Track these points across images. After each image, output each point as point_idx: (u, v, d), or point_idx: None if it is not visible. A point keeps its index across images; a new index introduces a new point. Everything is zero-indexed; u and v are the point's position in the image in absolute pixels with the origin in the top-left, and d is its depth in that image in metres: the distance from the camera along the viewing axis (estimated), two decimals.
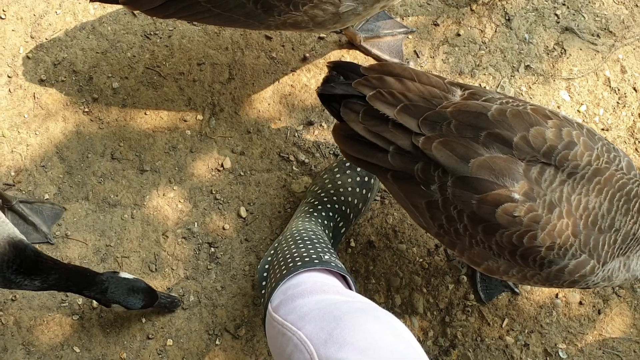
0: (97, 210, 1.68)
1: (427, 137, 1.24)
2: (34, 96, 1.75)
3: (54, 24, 1.80)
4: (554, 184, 1.19)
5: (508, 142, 1.20)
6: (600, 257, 1.20)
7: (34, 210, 1.65)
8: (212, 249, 1.66)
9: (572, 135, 1.22)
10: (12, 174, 1.69)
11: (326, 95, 1.36)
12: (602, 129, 1.77)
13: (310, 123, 1.75)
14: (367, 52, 1.75)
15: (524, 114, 1.22)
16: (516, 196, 1.18)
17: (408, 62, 1.75)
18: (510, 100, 1.28)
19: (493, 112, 1.22)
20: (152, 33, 1.80)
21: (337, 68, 1.38)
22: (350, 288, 1.29)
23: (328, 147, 1.74)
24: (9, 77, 1.75)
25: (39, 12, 1.80)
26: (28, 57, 1.77)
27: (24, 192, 1.68)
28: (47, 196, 1.68)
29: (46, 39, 1.78)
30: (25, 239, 1.33)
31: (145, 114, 1.75)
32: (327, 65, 1.38)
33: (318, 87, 1.37)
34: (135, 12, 1.77)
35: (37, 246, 1.64)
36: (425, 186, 1.25)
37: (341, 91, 1.33)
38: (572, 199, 1.18)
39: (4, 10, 1.80)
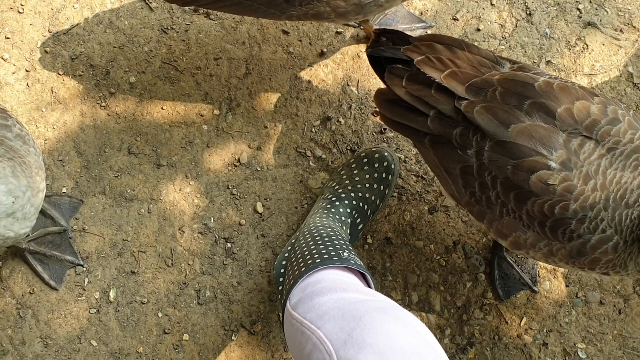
0: (114, 204, 1.68)
1: (470, 101, 1.24)
2: (52, 90, 1.75)
3: (71, 18, 1.80)
4: (592, 156, 1.17)
5: (552, 113, 1.19)
6: (622, 232, 1.16)
7: (52, 204, 1.66)
8: (229, 244, 1.66)
9: (617, 113, 1.20)
10: None
11: (374, 57, 1.37)
12: None
13: (328, 118, 1.73)
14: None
15: (571, 88, 1.22)
16: (552, 164, 1.16)
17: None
18: (560, 78, 1.28)
19: (540, 83, 1.21)
20: (169, 27, 1.79)
21: (385, 34, 1.39)
22: (369, 286, 1.28)
23: (345, 143, 1.73)
24: (27, 71, 1.76)
25: (56, 6, 1.80)
26: (46, 51, 1.77)
27: None
28: (64, 190, 1.68)
29: (64, 33, 1.78)
30: None
31: (162, 108, 1.74)
32: (374, 31, 1.39)
33: (367, 48, 1.38)
34: (152, 4, 1.77)
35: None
36: (462, 151, 1.25)
37: (389, 54, 1.34)
38: (608, 172, 1.16)
39: (22, 5, 1.80)
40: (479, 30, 1.79)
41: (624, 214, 1.16)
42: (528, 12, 1.81)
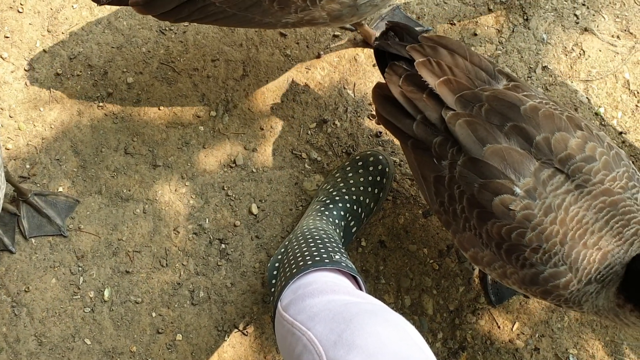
0: (110, 204, 1.69)
1: (455, 113, 1.25)
2: (50, 90, 1.76)
3: (70, 18, 1.81)
4: (559, 190, 1.17)
5: (530, 139, 1.19)
6: (578, 271, 1.17)
7: (48, 203, 1.66)
8: (223, 245, 1.66)
9: (595, 150, 1.19)
10: (28, 166, 1.70)
11: (380, 50, 1.38)
12: (621, 132, 1.74)
13: (324, 121, 1.74)
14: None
15: (556, 117, 1.21)
16: (517, 190, 1.17)
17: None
18: (551, 103, 1.27)
19: (527, 107, 1.21)
20: (167, 29, 1.80)
21: (395, 28, 1.39)
22: (360, 288, 1.29)
23: (341, 146, 1.73)
24: (25, 70, 1.76)
25: (55, 6, 1.81)
26: (44, 51, 1.78)
27: (38, 185, 1.69)
28: (61, 189, 1.69)
29: (62, 33, 1.79)
30: None
31: (159, 109, 1.75)
32: (386, 24, 1.40)
33: (375, 40, 1.39)
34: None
35: (50, 238, 1.66)
36: (438, 160, 1.26)
37: (394, 51, 1.35)
38: (571, 209, 1.16)
39: (21, 4, 1.81)
40: (475, 35, 1.80)
41: (581, 253, 1.16)
42: (525, 18, 1.82)
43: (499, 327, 1.62)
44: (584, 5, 1.82)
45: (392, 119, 1.34)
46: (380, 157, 1.62)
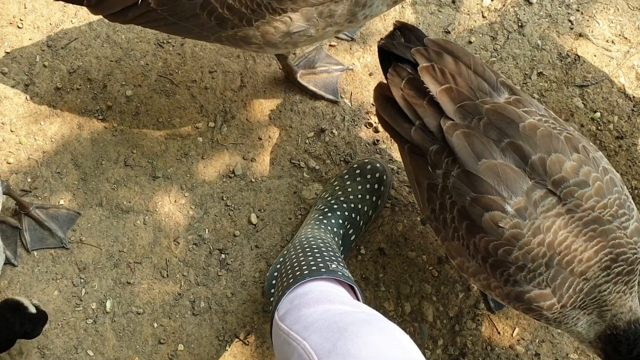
0: (111, 216, 1.70)
1: (454, 123, 1.25)
2: (50, 104, 1.78)
3: (69, 32, 1.83)
4: (549, 212, 1.17)
5: (525, 158, 1.19)
6: (562, 297, 1.19)
7: (49, 216, 1.68)
8: (223, 256, 1.68)
9: (589, 175, 1.19)
10: (29, 180, 1.72)
11: (384, 50, 1.38)
12: (617, 137, 1.75)
13: (322, 130, 1.75)
14: (303, 88, 1.75)
15: (554, 137, 1.21)
16: (508, 208, 1.18)
17: (343, 99, 1.76)
18: (550, 120, 1.26)
19: (525, 125, 1.21)
20: (165, 41, 1.82)
21: (402, 29, 1.39)
22: (357, 297, 1.30)
23: (339, 154, 1.74)
24: (26, 85, 1.79)
25: (55, 21, 1.83)
26: (44, 66, 1.80)
27: (40, 198, 1.71)
28: (62, 202, 1.71)
29: (62, 47, 1.82)
30: None
31: (158, 121, 1.77)
32: (394, 24, 1.39)
33: (380, 40, 1.39)
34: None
35: (52, 251, 1.68)
36: (432, 168, 1.27)
37: (399, 52, 1.35)
38: (559, 233, 1.17)
39: (21, 20, 1.84)
40: (470, 42, 1.81)
41: (568, 280, 1.18)
42: (520, 24, 1.83)
43: (499, 333, 1.62)
44: (578, 11, 1.83)
45: (391, 121, 1.34)
46: (378, 164, 1.64)
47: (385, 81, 1.37)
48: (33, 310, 1.46)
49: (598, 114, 1.76)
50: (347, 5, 1.30)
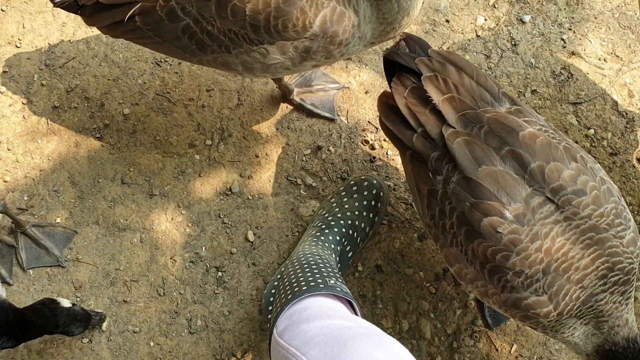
0: (107, 234, 1.70)
1: (455, 131, 1.27)
2: (48, 122, 1.78)
3: (67, 51, 1.84)
4: (547, 219, 1.18)
5: (525, 165, 1.21)
6: (559, 305, 1.19)
7: (46, 234, 1.68)
8: (220, 273, 1.67)
9: (587, 184, 1.21)
10: (26, 198, 1.72)
11: (389, 60, 1.40)
12: (611, 153, 1.76)
13: (319, 147, 1.76)
14: (299, 106, 1.77)
15: (553, 146, 1.23)
16: (507, 214, 1.19)
17: (340, 117, 1.78)
18: (550, 130, 1.28)
19: (525, 133, 1.23)
20: (162, 60, 1.84)
21: (408, 40, 1.42)
22: (355, 313, 1.30)
23: (336, 171, 1.75)
24: (23, 104, 1.79)
25: (53, 41, 1.85)
26: (42, 84, 1.81)
27: (36, 216, 1.71)
28: (58, 220, 1.71)
29: (60, 66, 1.83)
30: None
31: (155, 139, 1.77)
32: (400, 35, 1.42)
33: (385, 50, 1.41)
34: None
35: (49, 269, 1.67)
36: (433, 175, 1.28)
37: (403, 62, 1.37)
38: (557, 240, 1.18)
39: (19, 39, 1.85)
40: None
41: (565, 288, 1.18)
42: (513, 43, 1.85)
43: (497, 349, 1.62)
44: (570, 29, 1.86)
45: (394, 128, 1.36)
46: (375, 181, 1.64)
47: (389, 90, 1.40)
48: (67, 304, 1.45)
49: (592, 131, 1.78)
50: (323, 43, 1.33)
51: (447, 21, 1.86)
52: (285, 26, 1.30)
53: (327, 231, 1.58)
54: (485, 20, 1.87)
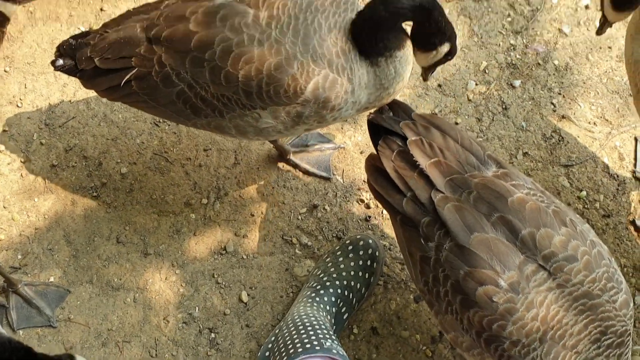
0: (101, 293, 1.68)
1: (444, 197, 1.27)
2: (45, 181, 1.80)
3: (67, 111, 1.87)
4: (541, 287, 1.19)
5: (516, 232, 1.22)
6: None
7: (38, 293, 1.66)
8: (213, 335, 1.65)
9: (578, 250, 1.22)
10: (19, 257, 1.71)
11: (373, 124, 1.42)
12: (604, 215, 1.78)
13: (314, 206, 1.78)
14: (296, 166, 1.81)
15: (542, 211, 1.24)
16: (502, 283, 1.19)
17: (335, 176, 1.80)
18: (538, 194, 1.30)
19: (514, 199, 1.25)
20: (161, 121, 1.87)
21: (392, 104, 1.45)
22: None
23: (331, 230, 1.76)
24: (22, 162, 1.81)
25: (54, 101, 1.88)
26: (41, 143, 1.83)
27: (29, 275, 1.70)
28: (52, 279, 1.69)
29: (59, 126, 1.86)
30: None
31: (152, 198, 1.78)
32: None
33: (370, 114, 1.43)
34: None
35: (39, 329, 1.64)
36: (425, 241, 1.28)
37: (388, 126, 1.39)
38: (551, 307, 1.18)
39: (20, 99, 1.88)
40: (457, 124, 1.87)
41: (560, 354, 1.19)
42: (504, 107, 1.90)
43: None
44: (559, 94, 1.91)
45: (383, 192, 1.37)
46: (370, 241, 1.65)
47: (375, 153, 1.42)
48: None
49: (584, 193, 1.80)
50: (315, 108, 1.37)
51: (439, 85, 1.91)
52: (277, 92, 1.34)
53: (322, 292, 1.57)
54: (477, 84, 1.92)
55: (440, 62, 1.46)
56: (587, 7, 2.00)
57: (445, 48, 1.40)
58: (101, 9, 2.01)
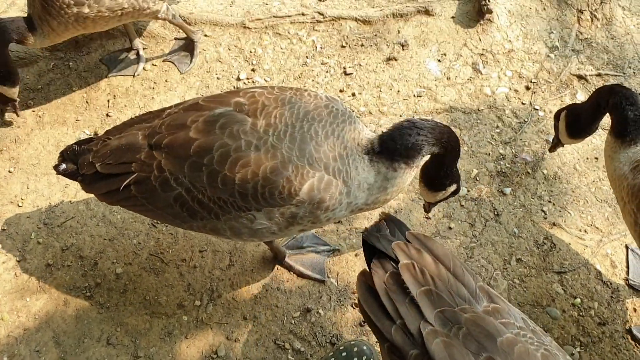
0: None
1: (434, 330, 1.25)
2: (39, 280, 1.79)
3: (67, 211, 1.90)
4: None
5: None
6: None
7: None
8: None
9: None
10: (5, 359, 1.67)
11: (367, 242, 1.40)
12: (599, 323, 1.76)
13: (308, 310, 1.76)
14: (290, 268, 1.82)
15: (532, 355, 1.22)
16: None
17: (330, 279, 1.81)
18: (529, 334, 1.27)
19: (503, 340, 1.22)
20: (158, 222, 1.90)
21: (388, 221, 1.44)
22: None
23: (325, 335, 1.73)
24: (17, 261, 1.81)
25: (54, 201, 1.92)
26: (38, 242, 1.85)
27: None
28: None
29: (58, 225, 1.88)
30: None
31: (145, 299, 1.77)
32: (380, 215, 1.46)
33: (365, 230, 1.42)
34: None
35: None
36: None
37: (381, 247, 1.38)
38: None
39: (22, 199, 1.92)
40: (450, 228, 1.90)
41: None
42: (496, 213, 1.94)
43: None
44: (550, 202, 1.96)
45: (372, 315, 1.33)
46: (365, 347, 1.62)
47: (367, 269, 1.39)
48: None
49: (578, 300, 1.80)
50: (309, 209, 1.42)
51: None
52: (272, 194, 1.39)
53: None
54: (468, 191, 1.97)
55: (446, 199, 1.63)
56: None
57: (452, 188, 1.58)
58: (107, 115, 2.10)
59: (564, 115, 1.75)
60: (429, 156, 1.51)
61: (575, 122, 1.72)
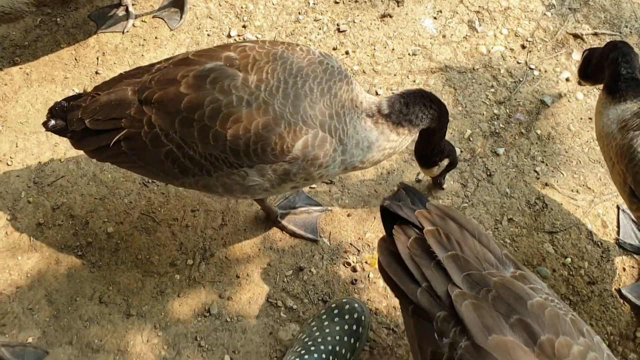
0: (80, 355, 1.64)
1: (462, 292, 1.24)
2: (30, 239, 1.78)
3: (57, 170, 1.89)
4: None
5: (534, 337, 1.19)
6: None
7: (15, 354, 1.62)
8: None
9: None
10: None
11: (386, 209, 1.40)
12: (589, 282, 1.78)
13: (300, 268, 1.77)
14: (282, 228, 1.82)
15: (561, 319, 1.22)
16: None
17: (322, 238, 1.81)
18: (556, 300, 1.28)
19: (534, 303, 1.22)
20: (150, 181, 1.88)
21: (406, 190, 1.45)
22: None
23: (317, 293, 1.75)
24: (7, 220, 1.80)
25: (44, 160, 1.90)
26: (29, 201, 1.84)
27: (7, 335, 1.66)
28: (30, 339, 1.65)
29: (48, 184, 1.86)
30: None
31: (137, 258, 1.77)
32: (398, 185, 1.47)
33: (384, 200, 1.42)
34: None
35: None
36: (439, 336, 1.23)
37: (404, 215, 1.37)
38: None
39: (11, 157, 1.90)
40: (442, 189, 1.90)
41: None
42: (488, 174, 1.93)
43: None
44: (542, 162, 1.96)
45: (396, 279, 1.33)
46: (356, 305, 1.63)
47: (385, 235, 1.38)
48: None
49: (569, 260, 1.81)
50: (303, 165, 1.40)
51: None
52: (264, 150, 1.37)
53: (307, 357, 1.54)
54: (461, 152, 1.96)
55: (445, 172, 1.75)
56: (567, 79, 2.08)
57: (445, 162, 1.70)
58: (96, 72, 2.06)
59: (584, 55, 1.81)
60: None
61: (587, 66, 1.78)
